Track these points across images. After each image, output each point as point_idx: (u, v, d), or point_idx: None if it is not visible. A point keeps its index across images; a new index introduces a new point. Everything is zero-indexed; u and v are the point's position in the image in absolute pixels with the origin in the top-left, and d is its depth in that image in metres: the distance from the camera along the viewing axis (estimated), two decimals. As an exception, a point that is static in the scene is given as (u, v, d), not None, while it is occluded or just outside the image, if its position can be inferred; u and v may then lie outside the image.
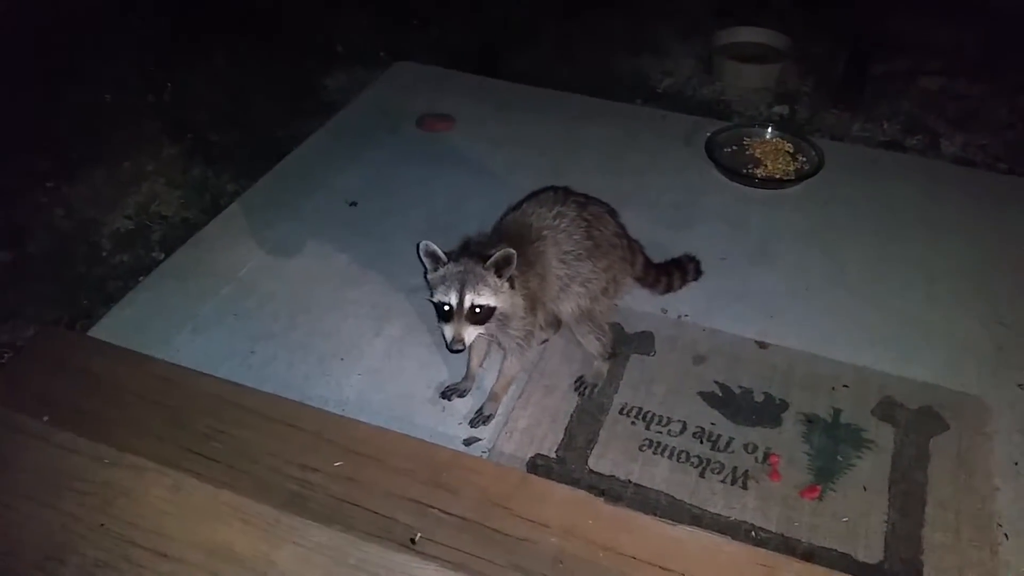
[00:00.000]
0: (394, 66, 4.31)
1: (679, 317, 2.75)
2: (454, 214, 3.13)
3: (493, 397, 2.43)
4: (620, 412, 2.41)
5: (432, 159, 3.57)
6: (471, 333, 2.09)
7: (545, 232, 2.30)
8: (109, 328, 2.65)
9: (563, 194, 2.39)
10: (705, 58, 4.47)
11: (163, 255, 3.09)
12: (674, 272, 2.74)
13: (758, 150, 3.56)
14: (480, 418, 2.40)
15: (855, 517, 2.12)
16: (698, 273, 2.83)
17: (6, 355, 2.64)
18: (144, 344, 2.41)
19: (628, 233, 2.52)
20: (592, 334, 2.45)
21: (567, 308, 2.40)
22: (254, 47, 4.53)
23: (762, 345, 2.62)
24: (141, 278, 2.95)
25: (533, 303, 2.24)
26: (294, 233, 3.13)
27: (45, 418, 1.77)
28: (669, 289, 2.74)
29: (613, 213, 2.48)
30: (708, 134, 3.59)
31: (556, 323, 2.61)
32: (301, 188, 3.37)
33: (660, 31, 4.76)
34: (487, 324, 2.13)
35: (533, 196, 2.42)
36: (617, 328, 2.67)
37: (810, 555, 2.01)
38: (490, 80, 4.20)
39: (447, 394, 2.48)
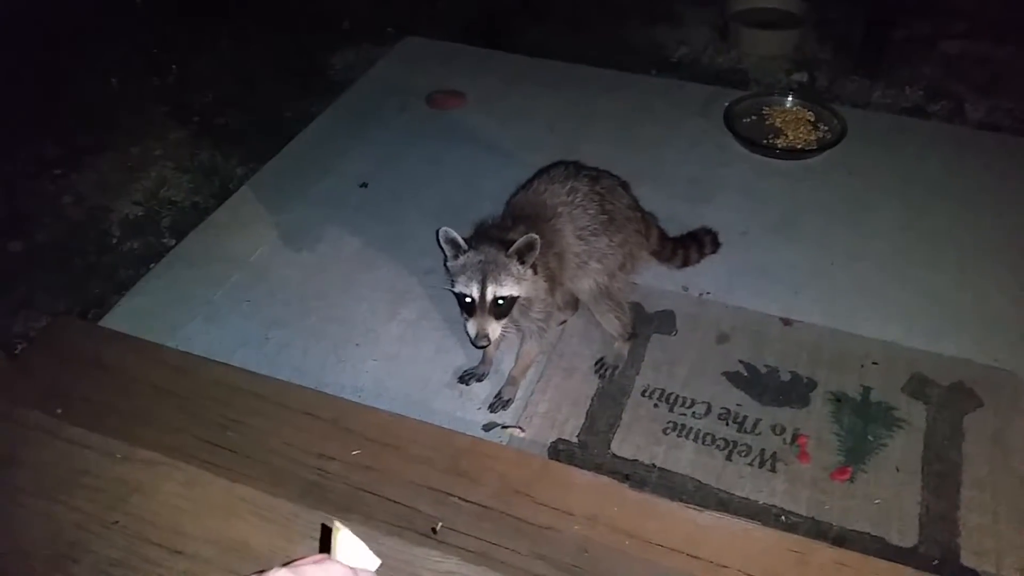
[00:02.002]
0: (402, 41, 4.23)
1: (701, 295, 2.68)
2: (467, 193, 3.07)
3: (511, 381, 2.38)
4: (642, 394, 2.36)
5: (443, 137, 3.50)
6: (496, 328, 2.03)
7: (560, 209, 2.23)
8: (121, 317, 2.62)
9: (574, 168, 2.33)
10: (721, 26, 4.35)
11: (173, 241, 3.05)
12: (691, 245, 2.67)
13: (778, 119, 3.47)
14: (499, 403, 2.35)
15: (888, 499, 2.07)
16: (716, 246, 2.76)
17: (19, 345, 2.61)
18: (156, 332, 2.38)
19: (641, 206, 2.45)
20: (611, 312, 2.39)
21: (585, 286, 2.34)
22: (259, 26, 4.45)
23: (787, 322, 2.55)
24: (152, 265, 2.91)
25: (552, 284, 2.18)
26: (305, 217, 3.08)
27: (59, 411, 1.74)
28: (686, 263, 2.67)
29: (625, 186, 2.42)
30: (726, 104, 3.51)
31: (574, 304, 2.55)
32: (310, 170, 3.31)
33: (673, -2, 4.64)
34: (512, 312, 2.07)
35: (543, 172, 2.35)
36: (637, 308, 2.61)
37: (842, 539, 1.96)
38: (500, 54, 4.11)
39: (464, 378, 2.44)
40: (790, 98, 3.57)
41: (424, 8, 4.63)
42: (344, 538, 0.81)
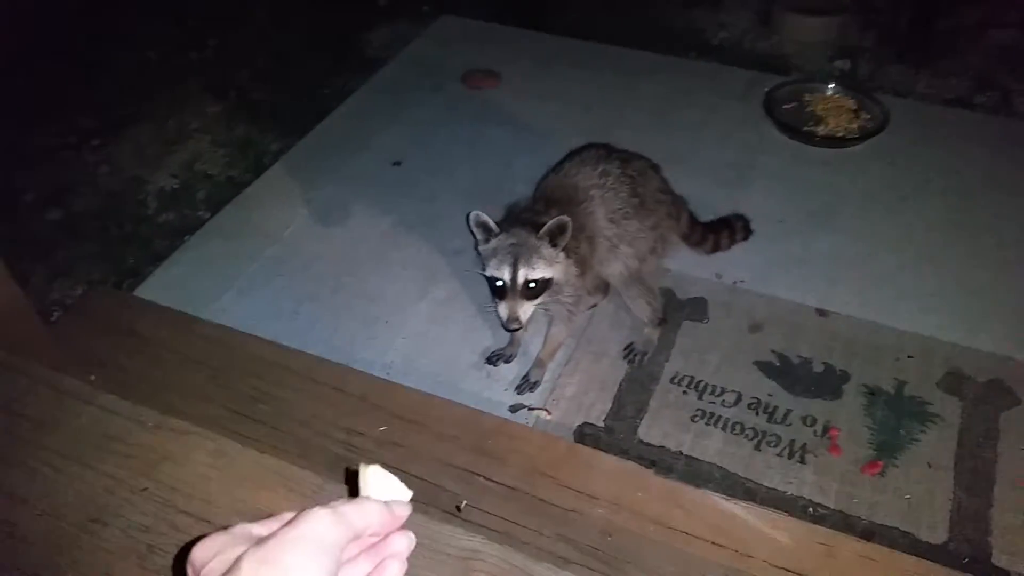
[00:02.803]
0: (438, 20, 4.21)
1: (734, 283, 2.64)
2: (500, 174, 3.05)
3: (539, 364, 2.37)
4: (671, 381, 2.34)
5: (477, 117, 3.48)
6: (527, 310, 2.02)
7: (592, 192, 2.21)
8: (155, 287, 2.65)
9: (605, 151, 2.30)
10: (762, 10, 4.27)
11: (208, 214, 3.08)
12: (721, 231, 2.63)
13: (819, 107, 3.40)
14: (527, 385, 2.34)
15: (919, 494, 2.03)
16: (747, 232, 2.72)
17: (56, 313, 2.65)
18: (190, 304, 2.40)
19: (672, 188, 2.42)
20: (642, 298, 2.37)
21: (615, 270, 2.32)
22: (296, 2, 4.46)
23: (822, 313, 2.51)
24: (187, 237, 2.94)
25: (583, 267, 2.16)
26: (338, 193, 3.09)
27: (92, 378, 1.77)
28: (717, 248, 2.63)
29: (656, 168, 2.39)
30: (766, 90, 3.44)
31: (604, 288, 2.53)
32: (344, 147, 3.32)
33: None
34: (544, 295, 2.05)
35: (574, 155, 2.33)
36: (669, 294, 2.58)
37: (870, 533, 1.93)
38: (537, 34, 4.07)
39: (492, 359, 2.43)
40: (832, 85, 3.49)
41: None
42: (373, 473, 0.81)
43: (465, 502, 1.63)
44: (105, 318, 2.15)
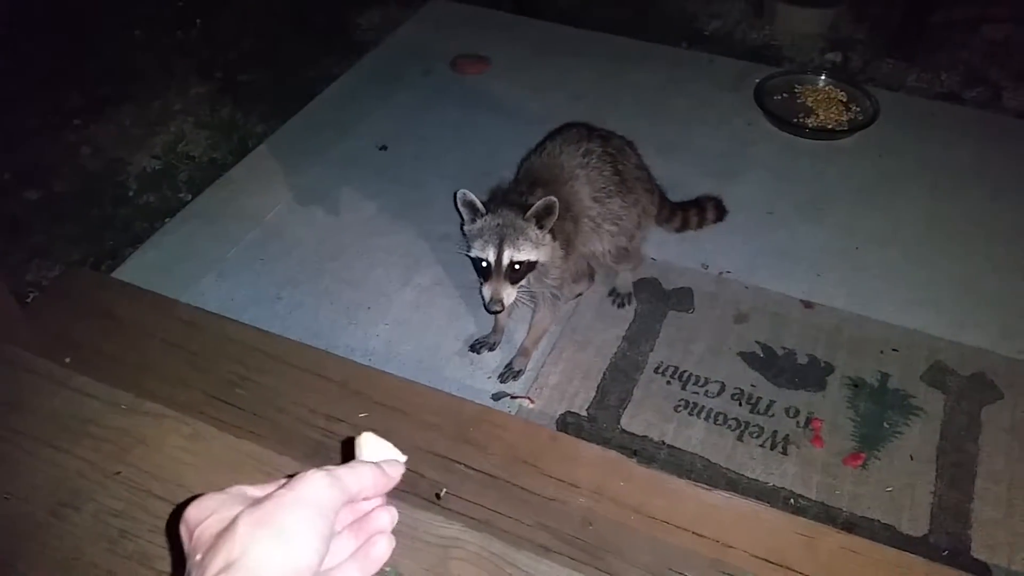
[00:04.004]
0: (428, 4, 4.16)
1: (720, 273, 2.63)
2: (488, 160, 3.03)
3: (523, 352, 2.35)
4: (655, 371, 2.33)
5: (466, 103, 3.44)
6: (510, 293, 2.00)
7: (577, 171, 2.21)
8: (134, 270, 2.62)
9: (586, 130, 2.32)
10: (755, 1, 4.25)
11: (190, 196, 3.03)
12: (690, 209, 2.66)
13: (810, 98, 3.39)
14: (510, 373, 2.33)
15: (900, 487, 2.03)
16: (719, 213, 2.74)
17: (32, 294, 2.61)
18: (169, 287, 2.37)
19: (646, 165, 2.46)
20: (628, 264, 2.45)
21: (599, 248, 2.33)
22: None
23: (808, 305, 2.51)
24: (167, 220, 2.90)
25: (568, 248, 2.15)
26: (323, 177, 3.05)
27: (67, 360, 1.73)
28: (685, 226, 2.67)
29: (632, 145, 2.42)
30: (757, 80, 3.43)
31: (590, 276, 2.51)
32: (331, 131, 3.28)
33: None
34: (527, 278, 2.04)
35: (555, 135, 2.33)
36: (654, 283, 2.57)
37: (851, 525, 1.94)
38: (527, 20, 4.04)
39: (476, 347, 2.41)
40: (823, 77, 3.48)
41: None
42: (367, 441, 0.83)
43: (445, 490, 1.61)
44: (81, 300, 2.11)
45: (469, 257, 2.02)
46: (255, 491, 0.71)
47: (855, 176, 3.05)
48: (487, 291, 1.99)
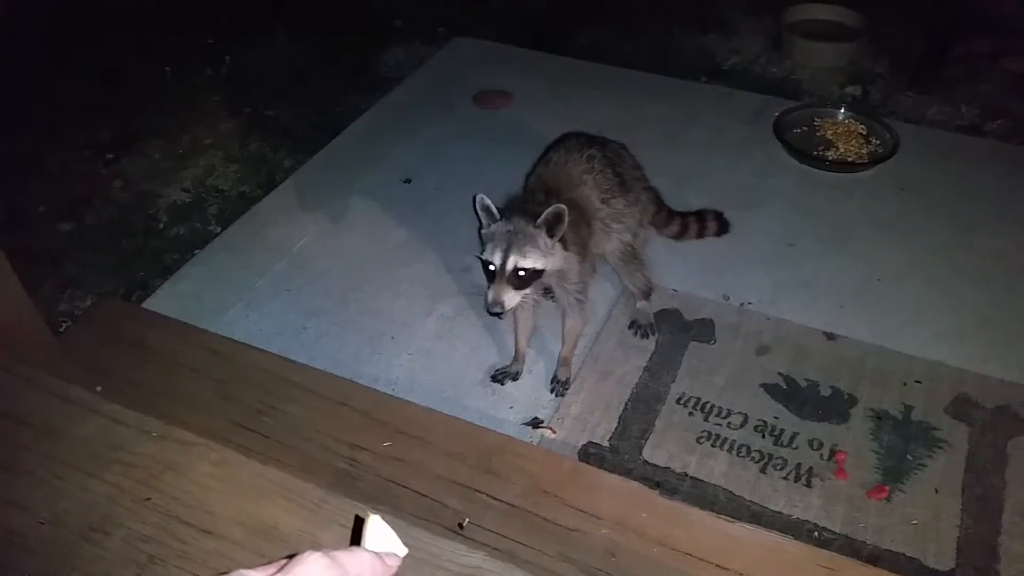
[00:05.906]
0: (452, 41, 4.24)
1: (742, 304, 2.64)
2: (510, 193, 3.05)
3: (563, 362, 2.39)
4: (677, 402, 2.33)
5: (488, 137, 3.50)
6: (512, 297, 2.02)
7: (584, 176, 2.29)
8: (164, 300, 2.67)
9: (585, 138, 2.40)
10: (774, 35, 4.29)
11: (219, 228, 3.10)
12: (689, 217, 2.73)
13: (829, 131, 3.40)
14: (559, 385, 2.38)
15: (925, 520, 2.01)
16: (721, 227, 2.80)
17: (65, 324, 2.67)
18: (198, 317, 2.41)
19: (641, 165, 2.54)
20: (638, 271, 2.48)
21: (611, 248, 2.40)
22: (313, 20, 4.51)
23: (830, 336, 2.50)
24: (197, 251, 2.96)
25: (583, 253, 2.21)
26: (348, 210, 3.10)
27: (98, 388, 1.77)
28: (683, 233, 2.73)
29: (625, 147, 2.51)
30: (776, 114, 3.45)
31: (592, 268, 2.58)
32: (356, 164, 3.34)
33: (727, 7, 4.57)
34: (533, 286, 2.08)
35: (557, 145, 2.41)
36: (675, 314, 2.58)
37: (876, 558, 1.91)
38: (549, 56, 4.10)
39: (498, 377, 2.43)
40: (842, 110, 3.50)
41: (475, 9, 4.64)
42: (373, 525, 0.82)
43: (468, 519, 1.62)
44: (112, 329, 2.16)
45: (479, 259, 2.06)
46: (254, 574, 0.71)
47: (876, 208, 3.05)
48: (489, 293, 2.02)
